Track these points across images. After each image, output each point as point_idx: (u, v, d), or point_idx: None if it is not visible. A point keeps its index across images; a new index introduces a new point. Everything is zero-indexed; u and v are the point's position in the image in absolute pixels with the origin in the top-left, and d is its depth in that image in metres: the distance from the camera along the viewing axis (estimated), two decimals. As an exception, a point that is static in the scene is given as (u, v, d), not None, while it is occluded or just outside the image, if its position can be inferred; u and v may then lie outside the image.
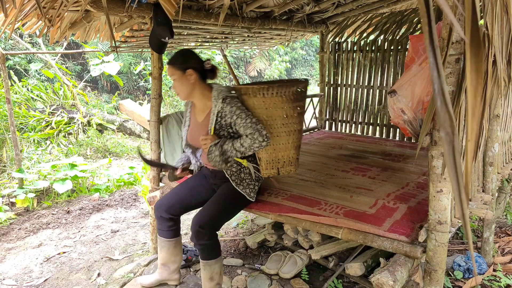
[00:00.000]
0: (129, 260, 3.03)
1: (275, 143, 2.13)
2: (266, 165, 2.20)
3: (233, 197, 2.19)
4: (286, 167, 2.21)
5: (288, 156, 2.18)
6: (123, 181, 4.96)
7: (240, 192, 2.18)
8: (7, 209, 4.02)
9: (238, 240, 3.34)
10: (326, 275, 2.69)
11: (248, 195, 2.20)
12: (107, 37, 3.41)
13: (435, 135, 1.55)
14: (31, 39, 8.91)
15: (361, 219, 1.96)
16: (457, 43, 1.44)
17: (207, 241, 2.12)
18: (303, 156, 3.42)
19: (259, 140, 2.00)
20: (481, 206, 2.07)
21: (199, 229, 2.09)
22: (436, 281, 1.67)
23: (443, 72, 0.53)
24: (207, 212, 2.13)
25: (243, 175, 2.20)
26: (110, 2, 2.25)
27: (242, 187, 2.19)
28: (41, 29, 2.79)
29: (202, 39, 3.90)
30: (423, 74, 1.84)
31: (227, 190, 2.21)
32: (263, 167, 2.22)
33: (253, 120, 2.04)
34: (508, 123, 2.69)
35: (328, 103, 4.78)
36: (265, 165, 2.20)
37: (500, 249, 3.03)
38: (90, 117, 7.09)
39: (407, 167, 3.02)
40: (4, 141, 5.50)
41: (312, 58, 15.89)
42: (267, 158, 2.18)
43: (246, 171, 2.20)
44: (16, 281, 2.76)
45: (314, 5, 3.59)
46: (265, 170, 2.21)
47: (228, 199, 2.19)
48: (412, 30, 4.06)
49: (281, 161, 2.19)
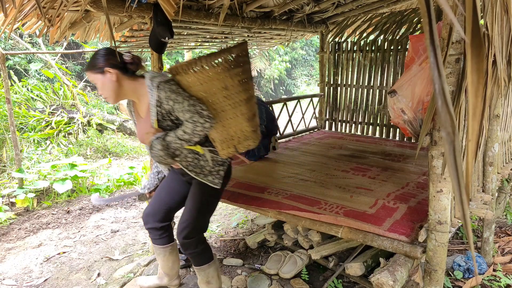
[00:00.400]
0: (129, 260, 3.03)
1: (222, 119, 1.93)
2: (221, 145, 2.01)
3: (203, 192, 2.07)
4: (243, 143, 2.03)
5: (241, 131, 1.99)
6: (123, 181, 4.95)
7: (206, 182, 2.03)
8: (7, 209, 4.02)
9: (238, 240, 3.33)
10: (326, 275, 2.69)
11: (211, 182, 2.03)
12: (107, 37, 3.41)
13: (435, 135, 1.55)
14: (31, 39, 8.91)
15: (361, 219, 1.96)
16: (457, 43, 1.44)
17: (195, 249, 2.09)
18: (303, 156, 3.42)
19: (201, 122, 1.80)
20: (481, 206, 2.07)
21: (184, 241, 2.05)
22: (436, 281, 1.67)
23: (443, 72, 0.53)
24: (186, 220, 2.06)
25: (202, 162, 2.02)
26: (110, 2, 2.25)
27: (204, 176, 2.01)
28: (41, 29, 2.79)
29: (202, 39, 3.90)
30: (423, 74, 1.84)
31: (195, 188, 2.09)
32: (219, 148, 2.03)
33: (190, 102, 1.82)
34: (508, 123, 2.69)
35: (328, 103, 4.78)
36: (220, 146, 2.01)
37: (500, 249, 3.03)
38: (90, 117, 7.09)
39: (407, 167, 3.02)
40: (4, 141, 5.49)
41: (312, 58, 15.89)
42: (220, 138, 2.00)
43: (205, 158, 2.02)
44: (16, 281, 2.76)
45: (314, 5, 3.59)
46: (222, 151, 2.02)
47: (199, 197, 2.07)
48: (412, 30, 4.06)
49: (235, 137, 1.99)
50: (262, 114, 3.41)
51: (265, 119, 3.41)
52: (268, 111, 3.54)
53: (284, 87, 15.19)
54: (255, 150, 3.28)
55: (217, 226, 3.71)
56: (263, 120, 3.37)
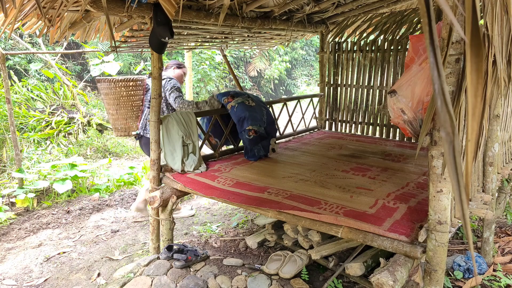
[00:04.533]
0: (129, 260, 3.03)
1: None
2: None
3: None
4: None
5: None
6: (123, 181, 4.96)
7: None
8: (7, 209, 4.02)
9: (238, 240, 3.34)
10: (326, 275, 2.69)
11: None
12: (107, 37, 3.41)
13: (435, 135, 1.55)
14: (31, 39, 8.91)
15: (361, 219, 1.96)
16: (457, 43, 1.44)
17: None
18: (303, 156, 3.42)
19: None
20: (481, 206, 2.07)
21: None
22: (436, 281, 1.67)
23: (443, 72, 0.53)
24: None
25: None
26: (110, 2, 2.25)
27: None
28: (41, 29, 2.79)
29: (202, 39, 3.90)
30: (423, 74, 1.84)
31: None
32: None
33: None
34: (508, 123, 2.69)
35: (328, 103, 4.78)
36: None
37: (500, 249, 3.03)
38: (90, 117, 7.08)
39: (407, 167, 3.02)
40: (4, 141, 5.49)
41: (312, 58, 15.89)
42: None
43: None
44: (16, 281, 2.76)
45: (314, 5, 3.59)
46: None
47: None
48: (412, 30, 4.06)
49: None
50: (263, 116, 3.41)
51: (266, 121, 3.41)
52: (268, 113, 3.54)
53: (284, 87, 15.19)
54: (255, 151, 3.28)
55: (217, 226, 3.71)
56: (264, 122, 3.38)
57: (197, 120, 3.14)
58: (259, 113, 3.38)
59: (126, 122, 3.24)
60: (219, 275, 2.66)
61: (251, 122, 3.25)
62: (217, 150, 3.39)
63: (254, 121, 3.26)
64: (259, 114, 3.36)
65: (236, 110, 3.29)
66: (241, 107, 3.29)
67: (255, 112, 3.33)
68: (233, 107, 3.30)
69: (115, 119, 3.22)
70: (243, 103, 3.33)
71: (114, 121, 3.24)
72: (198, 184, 2.72)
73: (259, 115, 3.36)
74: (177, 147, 2.93)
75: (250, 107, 3.33)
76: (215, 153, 3.38)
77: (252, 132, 3.25)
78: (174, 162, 2.92)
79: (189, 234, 3.55)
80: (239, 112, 3.28)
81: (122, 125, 3.25)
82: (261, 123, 3.34)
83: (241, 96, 3.39)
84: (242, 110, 3.28)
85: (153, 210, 2.92)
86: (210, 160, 3.32)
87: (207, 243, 3.33)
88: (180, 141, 2.92)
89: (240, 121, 3.27)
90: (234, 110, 3.30)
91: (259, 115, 3.35)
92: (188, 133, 2.99)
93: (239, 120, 3.28)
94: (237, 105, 3.30)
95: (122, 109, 3.19)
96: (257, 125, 3.28)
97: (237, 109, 3.29)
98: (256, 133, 3.26)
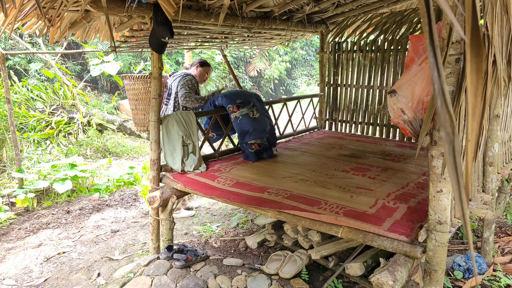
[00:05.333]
0: (129, 260, 3.03)
1: None
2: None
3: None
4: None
5: None
6: (123, 181, 4.95)
7: None
8: (7, 209, 4.02)
9: (238, 240, 3.34)
10: (326, 275, 2.69)
11: None
12: (107, 37, 3.41)
13: (435, 135, 1.55)
14: (31, 39, 8.91)
15: (361, 219, 1.96)
16: (457, 43, 1.44)
17: None
18: (303, 156, 3.42)
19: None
20: (481, 206, 2.07)
21: None
22: (436, 281, 1.67)
23: (443, 72, 0.53)
24: None
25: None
26: (110, 2, 2.25)
27: None
28: (41, 29, 2.79)
29: (202, 39, 3.90)
30: (423, 74, 1.84)
31: None
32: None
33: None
34: (508, 123, 2.69)
35: (328, 103, 4.78)
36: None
37: (500, 249, 3.03)
38: (90, 117, 7.08)
39: (407, 167, 3.02)
40: (4, 141, 5.49)
41: (312, 58, 15.89)
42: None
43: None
44: (16, 281, 2.76)
45: (314, 5, 3.59)
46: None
47: None
48: (412, 30, 4.06)
49: None
50: (266, 126, 3.40)
51: (268, 131, 3.40)
52: (271, 124, 3.52)
53: (284, 87, 15.19)
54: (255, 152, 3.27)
55: (217, 226, 3.71)
56: (266, 132, 3.36)
57: (197, 120, 3.14)
58: (263, 124, 3.36)
59: (144, 118, 3.38)
60: (219, 275, 2.66)
61: (254, 137, 3.24)
62: (217, 151, 3.39)
63: (257, 135, 3.25)
64: (262, 125, 3.34)
65: (239, 122, 3.27)
66: (245, 120, 3.26)
67: (259, 125, 3.31)
68: (237, 118, 3.28)
69: (135, 113, 3.39)
70: (248, 116, 3.28)
71: (134, 116, 3.42)
72: (198, 184, 2.72)
73: (263, 126, 3.34)
74: (177, 147, 2.93)
75: (254, 120, 3.29)
76: (215, 153, 3.38)
77: (255, 146, 3.25)
78: (174, 162, 2.92)
79: (189, 234, 3.55)
80: (243, 125, 3.26)
81: (141, 120, 3.40)
82: (264, 134, 3.32)
83: (247, 107, 3.32)
84: (246, 124, 3.25)
85: (153, 210, 2.92)
86: (210, 160, 3.32)
87: (207, 243, 3.33)
88: (180, 141, 2.92)
89: (243, 134, 3.27)
90: (238, 121, 3.27)
91: (262, 127, 3.33)
92: (188, 133, 2.99)
93: (241, 132, 3.27)
94: (242, 117, 3.27)
95: (141, 104, 3.35)
96: (260, 138, 3.27)
97: (240, 121, 3.27)
98: (259, 146, 3.26)
